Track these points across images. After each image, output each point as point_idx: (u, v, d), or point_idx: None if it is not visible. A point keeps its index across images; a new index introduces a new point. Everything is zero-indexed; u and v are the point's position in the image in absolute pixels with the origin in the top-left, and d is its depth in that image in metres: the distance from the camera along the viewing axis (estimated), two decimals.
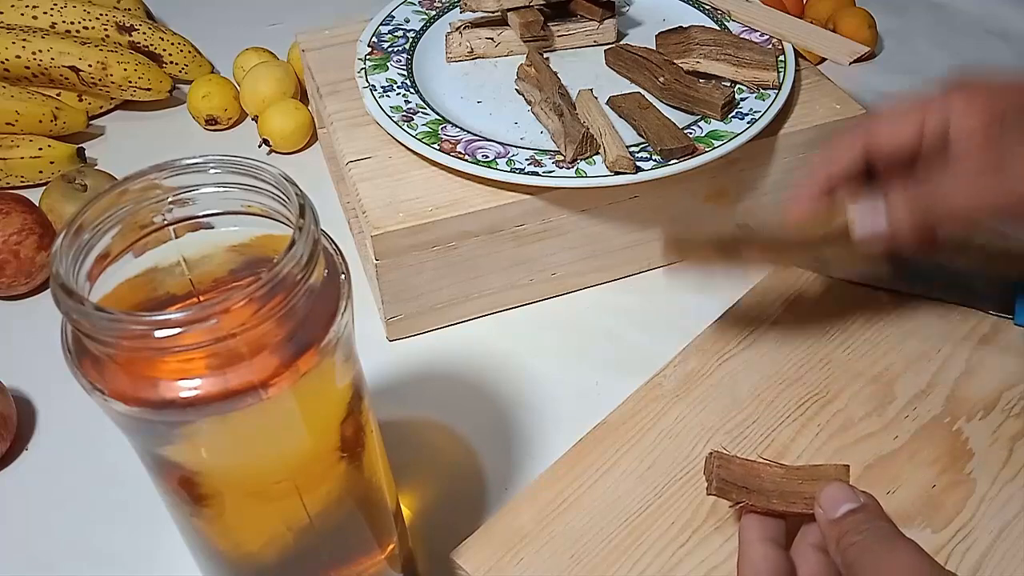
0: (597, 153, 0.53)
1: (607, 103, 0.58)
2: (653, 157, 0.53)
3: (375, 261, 0.52)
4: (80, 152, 0.70)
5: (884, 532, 0.35)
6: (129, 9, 0.79)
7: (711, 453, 0.41)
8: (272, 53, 0.78)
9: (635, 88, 0.59)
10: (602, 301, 0.60)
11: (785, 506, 0.39)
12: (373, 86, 0.58)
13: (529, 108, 0.58)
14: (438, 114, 0.57)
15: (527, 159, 0.53)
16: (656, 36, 0.61)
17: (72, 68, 0.71)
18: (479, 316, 0.58)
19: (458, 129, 0.56)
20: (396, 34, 0.63)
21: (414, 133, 0.54)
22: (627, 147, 0.53)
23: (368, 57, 0.61)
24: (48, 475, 0.51)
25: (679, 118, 0.56)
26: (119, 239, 0.30)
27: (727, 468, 0.40)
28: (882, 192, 0.42)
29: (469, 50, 0.62)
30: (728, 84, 0.58)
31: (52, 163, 0.68)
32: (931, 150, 0.41)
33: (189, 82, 0.76)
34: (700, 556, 0.43)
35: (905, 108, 0.42)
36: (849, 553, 0.34)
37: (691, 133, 0.55)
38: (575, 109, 0.56)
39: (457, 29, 0.63)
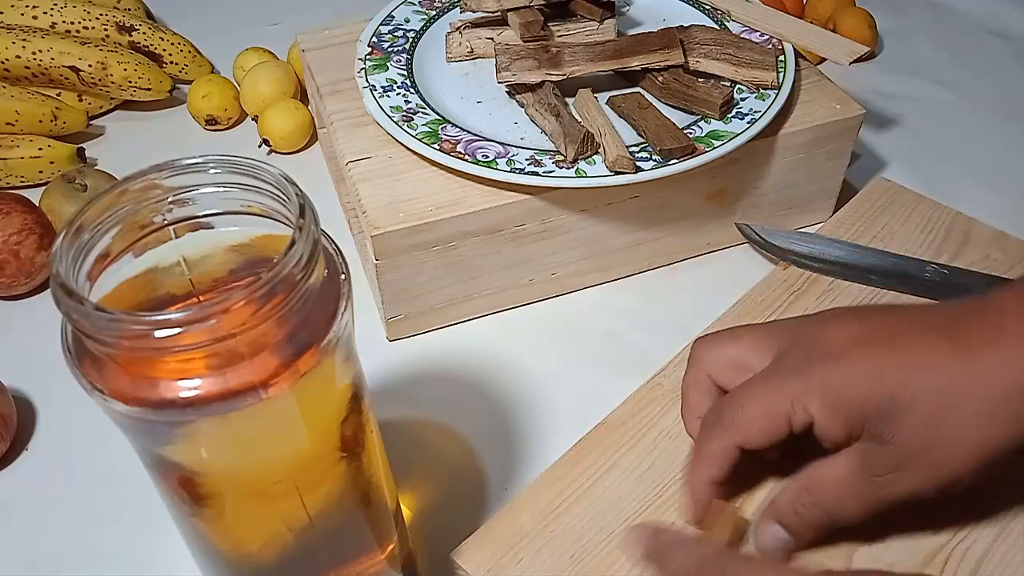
0: (597, 153, 0.53)
1: (607, 103, 0.58)
2: (653, 157, 0.53)
3: (375, 261, 0.52)
4: (80, 152, 0.70)
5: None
6: (129, 9, 0.79)
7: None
8: (272, 53, 0.78)
9: (635, 88, 0.59)
10: (602, 301, 0.60)
11: None
12: (373, 86, 0.58)
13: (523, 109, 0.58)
14: (438, 114, 0.57)
15: (527, 159, 0.53)
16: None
17: (72, 68, 0.71)
18: (479, 316, 0.58)
19: (458, 129, 0.56)
20: (396, 34, 0.63)
21: (414, 133, 0.54)
22: (627, 147, 0.53)
23: (368, 57, 0.61)
24: (48, 475, 0.51)
25: (679, 118, 0.56)
26: (119, 239, 0.30)
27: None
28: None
29: (469, 50, 0.62)
30: (728, 84, 0.58)
31: (52, 163, 0.68)
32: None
33: (189, 82, 0.76)
34: None
35: (769, 404, 0.39)
36: None
37: (691, 133, 0.55)
38: (567, 107, 0.56)
39: (457, 29, 0.63)
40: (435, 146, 0.54)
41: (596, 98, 0.57)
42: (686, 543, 0.39)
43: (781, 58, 0.60)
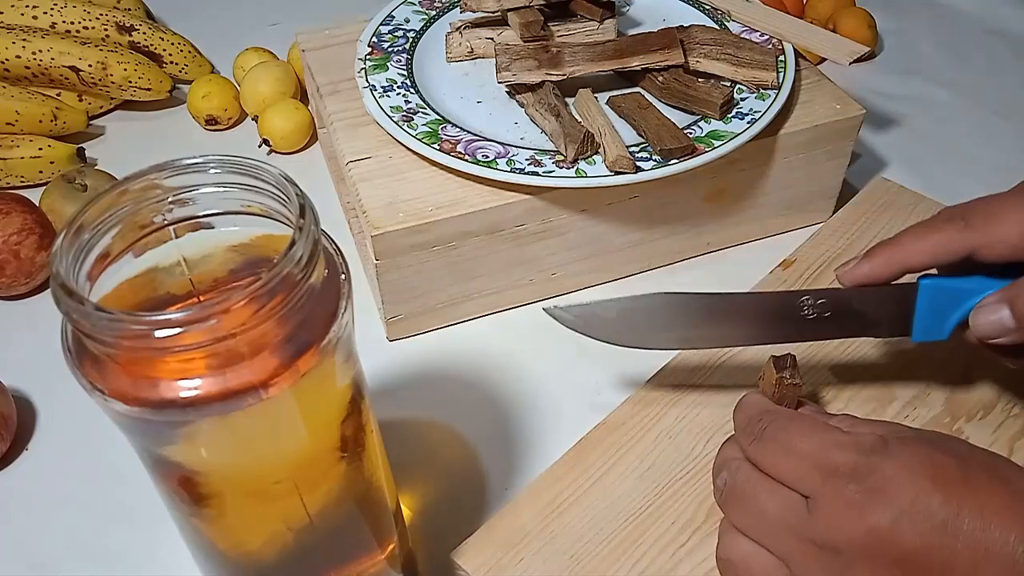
0: (597, 153, 0.53)
1: (607, 103, 0.58)
2: (653, 157, 0.53)
3: (375, 261, 0.52)
4: (80, 152, 0.70)
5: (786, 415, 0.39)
6: (129, 9, 0.79)
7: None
8: (272, 53, 0.78)
9: (635, 88, 0.59)
10: None
11: None
12: (373, 86, 0.58)
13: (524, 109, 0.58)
14: (438, 114, 0.57)
15: (527, 159, 0.53)
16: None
17: (72, 68, 0.71)
18: (479, 316, 0.58)
19: (458, 129, 0.56)
20: (396, 34, 0.63)
21: (414, 133, 0.54)
22: (627, 147, 0.53)
23: (368, 57, 0.61)
24: (48, 475, 0.51)
25: (679, 118, 0.56)
26: (119, 239, 0.30)
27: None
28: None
29: (469, 50, 0.62)
30: (728, 84, 0.58)
31: (52, 163, 0.68)
32: None
33: (189, 82, 0.76)
34: (700, 556, 0.43)
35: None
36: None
37: (691, 133, 0.55)
38: (567, 107, 0.56)
39: (457, 29, 0.63)
40: (435, 146, 0.54)
41: (596, 98, 0.57)
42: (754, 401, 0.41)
43: (781, 58, 0.60)
